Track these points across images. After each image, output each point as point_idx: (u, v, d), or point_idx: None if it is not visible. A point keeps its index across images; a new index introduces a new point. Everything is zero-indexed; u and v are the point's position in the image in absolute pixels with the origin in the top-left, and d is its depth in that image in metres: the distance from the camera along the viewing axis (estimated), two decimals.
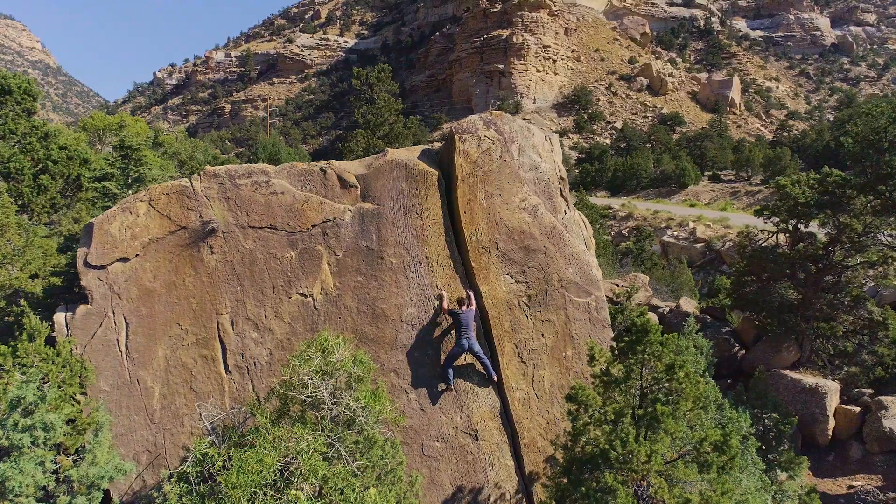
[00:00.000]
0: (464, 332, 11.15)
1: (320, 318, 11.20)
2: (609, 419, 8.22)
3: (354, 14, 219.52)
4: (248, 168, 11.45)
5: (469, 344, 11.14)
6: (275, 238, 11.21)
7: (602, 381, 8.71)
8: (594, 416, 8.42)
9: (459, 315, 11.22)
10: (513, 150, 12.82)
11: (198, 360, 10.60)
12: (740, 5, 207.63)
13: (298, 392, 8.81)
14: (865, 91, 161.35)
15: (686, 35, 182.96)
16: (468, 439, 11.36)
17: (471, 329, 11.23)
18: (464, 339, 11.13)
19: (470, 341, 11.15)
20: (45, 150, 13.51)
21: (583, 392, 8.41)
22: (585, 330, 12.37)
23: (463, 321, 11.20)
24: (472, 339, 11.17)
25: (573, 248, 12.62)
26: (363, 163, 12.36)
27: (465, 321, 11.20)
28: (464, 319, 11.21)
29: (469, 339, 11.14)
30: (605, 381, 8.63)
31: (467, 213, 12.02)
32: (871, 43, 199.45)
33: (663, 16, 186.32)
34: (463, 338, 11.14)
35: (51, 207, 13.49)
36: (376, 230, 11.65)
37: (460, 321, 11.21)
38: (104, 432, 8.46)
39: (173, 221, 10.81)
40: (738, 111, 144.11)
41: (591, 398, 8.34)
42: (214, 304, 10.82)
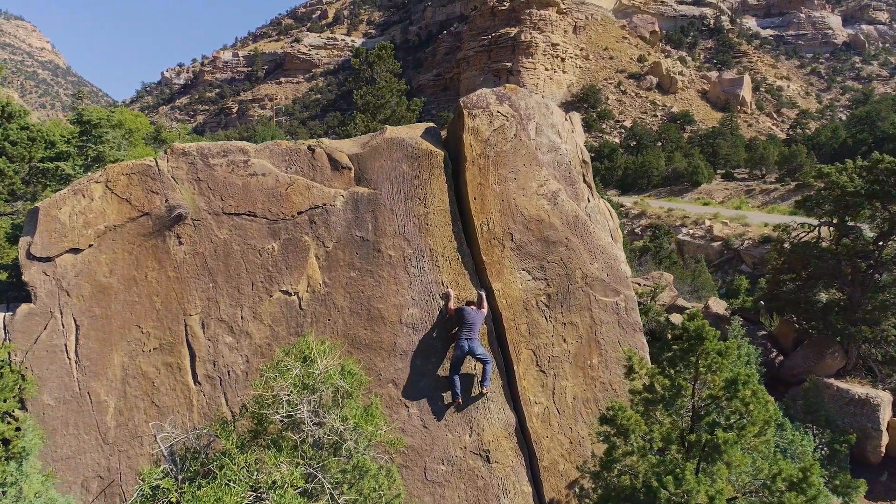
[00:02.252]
0: (465, 333, 9.54)
1: (307, 319, 9.61)
2: (656, 447, 6.60)
3: (362, 13, 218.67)
4: (223, 146, 9.88)
5: (470, 346, 9.52)
6: (254, 227, 9.64)
7: (644, 398, 7.09)
8: (637, 444, 6.81)
9: (467, 313, 9.62)
10: (529, 129, 11.21)
11: (161, 370, 9.03)
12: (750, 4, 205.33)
13: (273, 411, 7.23)
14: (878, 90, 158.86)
15: (696, 33, 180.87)
16: (478, 461, 9.74)
17: (474, 330, 9.61)
18: (463, 339, 9.53)
19: (471, 343, 9.53)
20: (2, 131, 12.00)
21: (623, 414, 6.78)
22: (613, 334, 10.74)
23: (467, 320, 9.60)
24: (473, 341, 9.55)
25: (598, 241, 10.99)
26: (358, 141, 10.77)
27: (469, 320, 9.61)
28: (469, 319, 9.61)
29: (470, 341, 9.53)
30: (648, 399, 7.01)
31: (478, 199, 10.42)
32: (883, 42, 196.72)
33: (672, 14, 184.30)
34: (463, 339, 9.53)
35: (9, 195, 12.02)
36: (372, 218, 10.06)
37: (465, 320, 9.61)
38: (31, 460, 6.90)
39: (134, 206, 9.25)
40: (749, 110, 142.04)
41: (634, 422, 6.71)
42: (182, 303, 9.24)
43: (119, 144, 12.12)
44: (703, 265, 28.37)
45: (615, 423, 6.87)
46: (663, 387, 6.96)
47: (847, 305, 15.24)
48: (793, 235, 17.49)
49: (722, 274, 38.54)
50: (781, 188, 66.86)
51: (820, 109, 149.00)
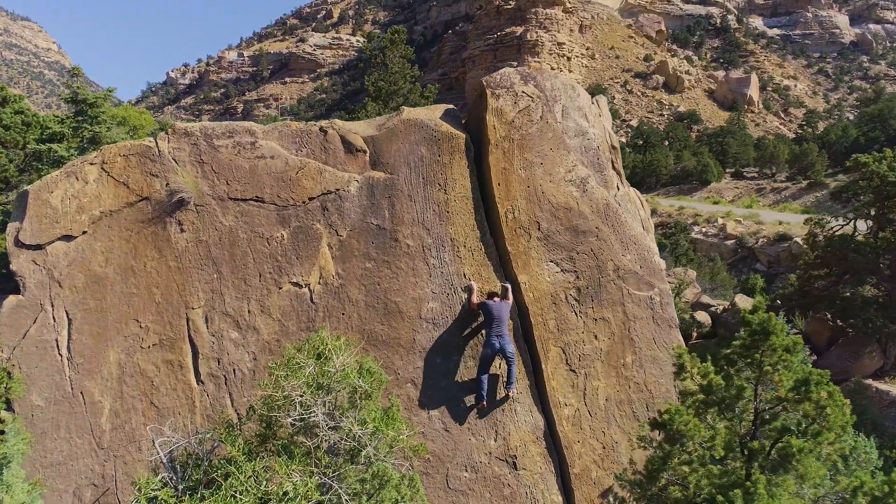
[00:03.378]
0: (494, 330, 8.79)
1: (318, 314, 8.87)
2: (717, 455, 5.83)
3: (367, 13, 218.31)
4: (228, 126, 9.15)
5: (501, 344, 8.78)
6: (262, 213, 8.90)
7: (698, 401, 6.31)
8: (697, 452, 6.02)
9: (490, 308, 8.87)
10: (555, 111, 10.46)
11: (161, 367, 8.29)
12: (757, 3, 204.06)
13: (284, 413, 6.49)
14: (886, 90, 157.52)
15: (702, 33, 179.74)
16: (505, 468, 8.98)
17: (503, 325, 8.86)
18: (494, 337, 8.77)
19: (502, 340, 8.78)
20: None
21: (680, 418, 5.99)
22: (648, 331, 9.96)
23: (494, 314, 8.84)
24: (504, 339, 8.81)
25: (630, 230, 10.23)
26: (373, 123, 10.03)
27: (496, 314, 8.85)
28: (495, 312, 8.85)
29: (501, 339, 8.78)
30: (705, 402, 6.23)
31: (502, 185, 9.67)
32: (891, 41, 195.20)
33: (679, 13, 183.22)
34: (493, 336, 8.77)
35: (3, 183, 11.32)
36: (389, 205, 9.32)
37: (491, 315, 8.85)
38: (13, 468, 6.16)
39: (132, 190, 8.53)
40: (757, 109, 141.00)
41: (692, 427, 5.93)
42: (184, 295, 8.51)
43: (115, 128, 11.45)
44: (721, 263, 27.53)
45: (670, 428, 6.10)
46: (718, 387, 6.18)
47: (886, 302, 14.42)
48: (826, 229, 16.69)
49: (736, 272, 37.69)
50: (793, 187, 65.95)
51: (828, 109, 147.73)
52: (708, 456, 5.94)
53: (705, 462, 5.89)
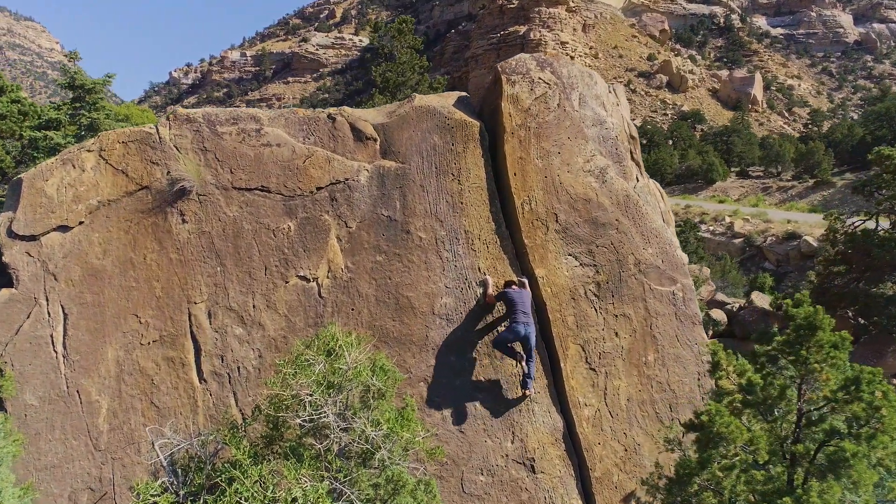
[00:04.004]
0: (521, 317, 8.32)
1: (327, 309, 8.45)
2: (760, 459, 5.39)
3: (370, 13, 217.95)
4: (232, 112, 8.74)
5: (526, 332, 8.32)
6: (267, 203, 8.49)
7: (734, 401, 5.87)
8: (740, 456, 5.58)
9: (512, 295, 8.44)
10: (573, 99, 10.03)
11: (161, 365, 7.88)
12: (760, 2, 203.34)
13: (292, 414, 6.07)
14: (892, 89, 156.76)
15: (706, 32, 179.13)
16: (522, 471, 8.55)
17: (529, 313, 8.43)
18: (520, 324, 8.30)
19: (528, 329, 8.32)
20: None
21: (721, 419, 5.54)
22: (671, 328, 9.53)
23: (517, 300, 8.41)
24: (531, 326, 8.35)
25: (652, 223, 9.80)
26: (383, 111, 9.61)
27: (519, 300, 8.43)
28: (517, 298, 8.43)
29: (527, 326, 8.32)
30: (744, 402, 5.80)
31: (518, 175, 9.24)
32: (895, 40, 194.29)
33: (682, 13, 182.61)
34: (519, 323, 8.30)
35: None
36: (401, 196, 8.90)
37: (513, 301, 8.41)
38: (3, 471, 5.74)
39: (132, 179, 8.12)
40: (761, 109, 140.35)
41: (734, 430, 5.49)
42: (185, 289, 8.10)
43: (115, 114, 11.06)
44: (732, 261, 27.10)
45: (709, 430, 5.67)
46: (760, 387, 5.74)
47: None
48: (846, 224, 16.24)
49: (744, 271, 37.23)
50: (799, 185, 65.48)
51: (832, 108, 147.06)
52: (751, 460, 5.52)
53: (747, 467, 5.45)
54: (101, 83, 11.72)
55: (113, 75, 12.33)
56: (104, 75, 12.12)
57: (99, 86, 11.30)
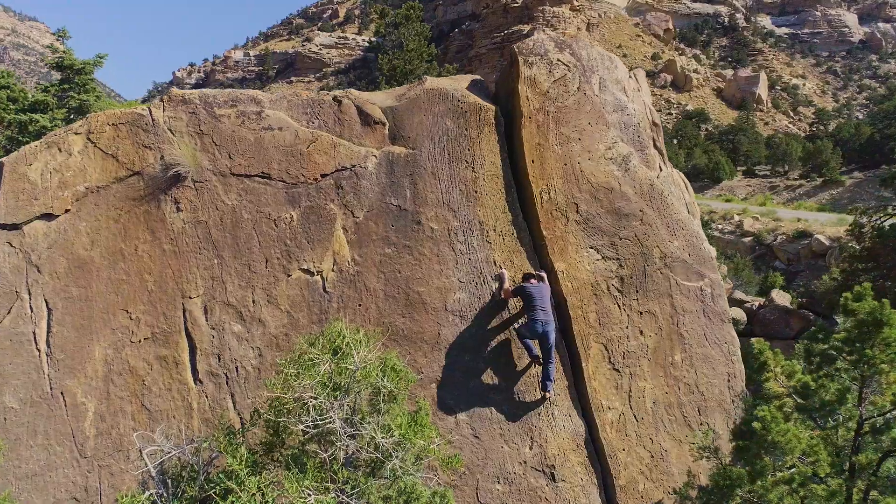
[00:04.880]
0: (538, 314, 7.73)
1: (332, 304, 7.86)
2: (821, 472, 4.79)
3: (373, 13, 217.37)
4: (231, 94, 8.16)
5: (544, 329, 7.73)
6: (268, 191, 7.90)
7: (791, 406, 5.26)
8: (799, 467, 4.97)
9: (530, 289, 7.86)
10: (593, 83, 9.44)
11: (153, 365, 7.30)
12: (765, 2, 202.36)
13: (294, 418, 5.48)
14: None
15: (710, 31, 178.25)
16: (541, 479, 7.95)
17: (548, 308, 7.82)
18: (538, 322, 7.71)
19: (546, 327, 7.72)
20: None
21: (777, 426, 4.92)
22: (698, 326, 8.93)
23: (535, 295, 7.82)
24: (549, 325, 7.74)
25: (677, 214, 9.20)
26: (392, 94, 9.02)
27: (538, 295, 7.85)
28: (536, 293, 7.85)
29: (545, 325, 7.72)
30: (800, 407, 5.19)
31: (536, 162, 8.65)
32: None
33: (686, 12, 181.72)
34: (537, 321, 7.71)
35: None
36: (411, 184, 8.32)
37: (532, 296, 7.83)
38: None
39: (122, 164, 7.54)
40: (766, 108, 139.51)
41: (792, 438, 4.88)
42: (180, 283, 7.52)
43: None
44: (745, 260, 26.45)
45: (762, 438, 5.05)
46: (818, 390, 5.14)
47: None
48: (874, 219, 15.62)
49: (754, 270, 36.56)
50: (807, 184, 64.77)
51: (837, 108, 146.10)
52: (810, 472, 4.92)
53: (805, 481, 4.84)
54: (92, 64, 11.11)
55: (104, 55, 11.70)
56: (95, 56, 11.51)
57: (89, 66, 10.70)
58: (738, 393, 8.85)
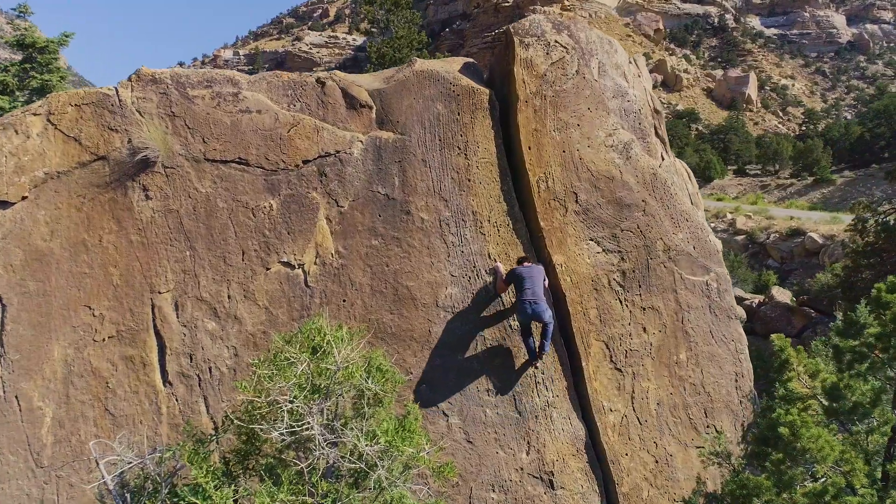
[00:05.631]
0: (526, 294, 7.23)
1: (314, 300, 7.31)
2: (857, 482, 4.29)
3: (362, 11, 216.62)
4: (206, 74, 7.59)
5: (534, 309, 7.21)
6: (246, 178, 7.34)
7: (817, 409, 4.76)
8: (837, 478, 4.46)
9: (520, 271, 7.37)
10: (592, 67, 8.93)
11: (118, 365, 6.71)
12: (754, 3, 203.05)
13: (269, 424, 4.92)
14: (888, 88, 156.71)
15: (700, 32, 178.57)
16: (539, 487, 7.43)
17: (537, 288, 7.29)
18: (526, 302, 7.21)
19: (536, 307, 7.20)
20: None
21: (808, 431, 4.40)
22: (704, 322, 8.44)
23: (525, 275, 7.36)
24: (539, 305, 7.22)
25: (681, 205, 8.71)
26: (380, 76, 8.49)
27: (527, 275, 7.37)
28: (525, 273, 7.38)
29: (535, 305, 7.20)
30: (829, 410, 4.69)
31: (533, 149, 8.14)
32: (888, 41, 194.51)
33: (676, 12, 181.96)
34: (525, 301, 7.21)
35: None
36: (399, 171, 7.78)
37: (521, 277, 7.36)
38: None
39: (85, 148, 6.95)
40: (755, 108, 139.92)
41: (825, 445, 4.37)
42: (148, 276, 6.94)
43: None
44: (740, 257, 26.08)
45: (790, 445, 4.55)
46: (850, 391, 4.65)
47: None
48: (880, 212, 15.21)
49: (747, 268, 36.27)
50: (798, 183, 64.72)
51: (825, 108, 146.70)
52: (843, 483, 4.42)
53: (838, 493, 4.35)
54: (56, 42, 10.41)
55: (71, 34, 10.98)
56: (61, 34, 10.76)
57: (53, 45, 10.03)
58: (747, 394, 8.38)
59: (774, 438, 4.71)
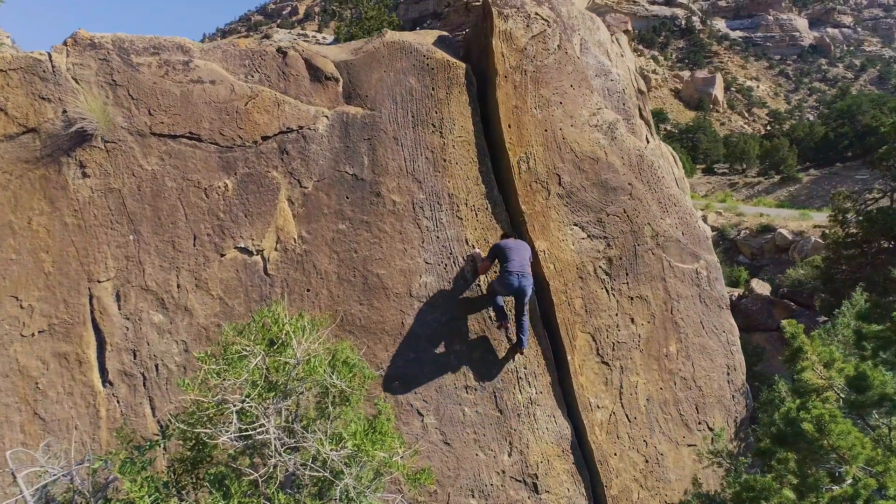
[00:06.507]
0: (514, 265, 6.65)
1: (275, 289, 6.62)
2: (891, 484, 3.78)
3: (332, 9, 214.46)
4: (153, 40, 6.83)
5: (521, 283, 6.64)
6: (198, 155, 6.61)
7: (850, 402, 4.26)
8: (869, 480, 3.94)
9: (505, 243, 6.87)
10: (574, 42, 8.41)
11: (50, 363, 5.94)
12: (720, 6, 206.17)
13: (218, 428, 4.24)
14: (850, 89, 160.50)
15: (668, 33, 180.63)
16: (523, 491, 6.85)
17: (526, 262, 6.73)
18: (513, 274, 6.61)
19: (522, 280, 6.62)
20: None
21: (837, 427, 3.85)
22: (694, 312, 7.96)
23: (512, 246, 6.81)
24: (525, 279, 6.64)
25: (669, 189, 8.22)
26: (348, 47, 7.82)
27: (514, 246, 6.82)
28: (513, 245, 6.85)
29: (522, 277, 6.62)
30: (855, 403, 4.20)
31: (513, 127, 7.55)
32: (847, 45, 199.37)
33: (645, 14, 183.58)
34: (513, 273, 6.61)
35: None
36: (369, 150, 7.13)
37: (505, 250, 6.78)
38: None
39: (12, 119, 6.16)
40: (722, 109, 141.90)
41: (856, 443, 3.85)
42: (86, 263, 6.18)
43: None
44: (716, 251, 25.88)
45: (815, 443, 4.02)
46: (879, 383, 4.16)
47: None
48: (859, 202, 15.00)
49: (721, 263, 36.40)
50: (766, 181, 65.52)
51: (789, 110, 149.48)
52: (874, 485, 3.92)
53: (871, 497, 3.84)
54: None
55: None
56: None
57: None
58: (739, 387, 7.93)
59: (794, 436, 4.20)
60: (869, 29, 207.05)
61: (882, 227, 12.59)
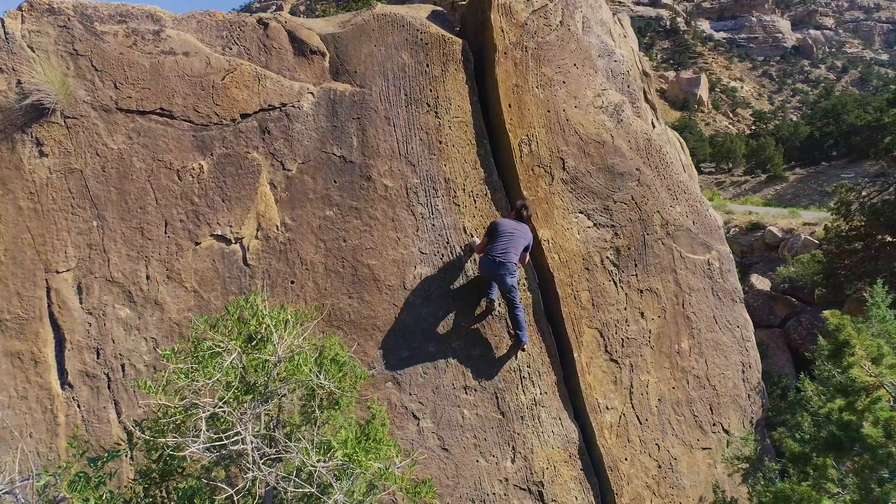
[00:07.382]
0: (497, 246, 6.17)
1: (255, 281, 6.02)
2: None
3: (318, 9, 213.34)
4: (120, 7, 6.20)
5: (496, 269, 6.13)
6: (170, 133, 5.99)
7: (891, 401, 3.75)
8: None
9: (499, 221, 6.34)
10: (576, 20, 7.88)
11: (1, 363, 5.30)
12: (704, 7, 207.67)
13: (183, 437, 3.66)
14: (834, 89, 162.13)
15: (653, 34, 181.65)
16: (527, 500, 6.30)
17: (513, 244, 6.19)
18: (489, 259, 6.14)
19: (498, 267, 6.10)
20: None
21: None
22: (707, 306, 7.46)
23: (504, 226, 6.29)
24: (507, 263, 6.09)
25: (678, 175, 7.72)
26: (335, 20, 7.23)
27: (507, 227, 6.29)
28: (506, 225, 6.32)
29: (506, 255, 6.10)
30: None
31: (514, 107, 7.01)
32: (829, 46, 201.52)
33: (630, 14, 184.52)
34: (493, 255, 6.12)
35: None
36: (358, 130, 6.54)
37: (497, 226, 6.26)
38: None
39: None
40: (707, 109, 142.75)
41: None
42: (43, 252, 5.54)
43: None
44: None
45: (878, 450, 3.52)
46: None
47: None
48: (864, 195, 14.62)
49: None
50: (752, 180, 65.65)
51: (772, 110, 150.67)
52: None
53: None
54: None
55: None
56: None
57: None
58: (755, 386, 7.44)
59: (851, 441, 3.70)
60: (850, 31, 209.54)
61: (888, 219, 12.24)
